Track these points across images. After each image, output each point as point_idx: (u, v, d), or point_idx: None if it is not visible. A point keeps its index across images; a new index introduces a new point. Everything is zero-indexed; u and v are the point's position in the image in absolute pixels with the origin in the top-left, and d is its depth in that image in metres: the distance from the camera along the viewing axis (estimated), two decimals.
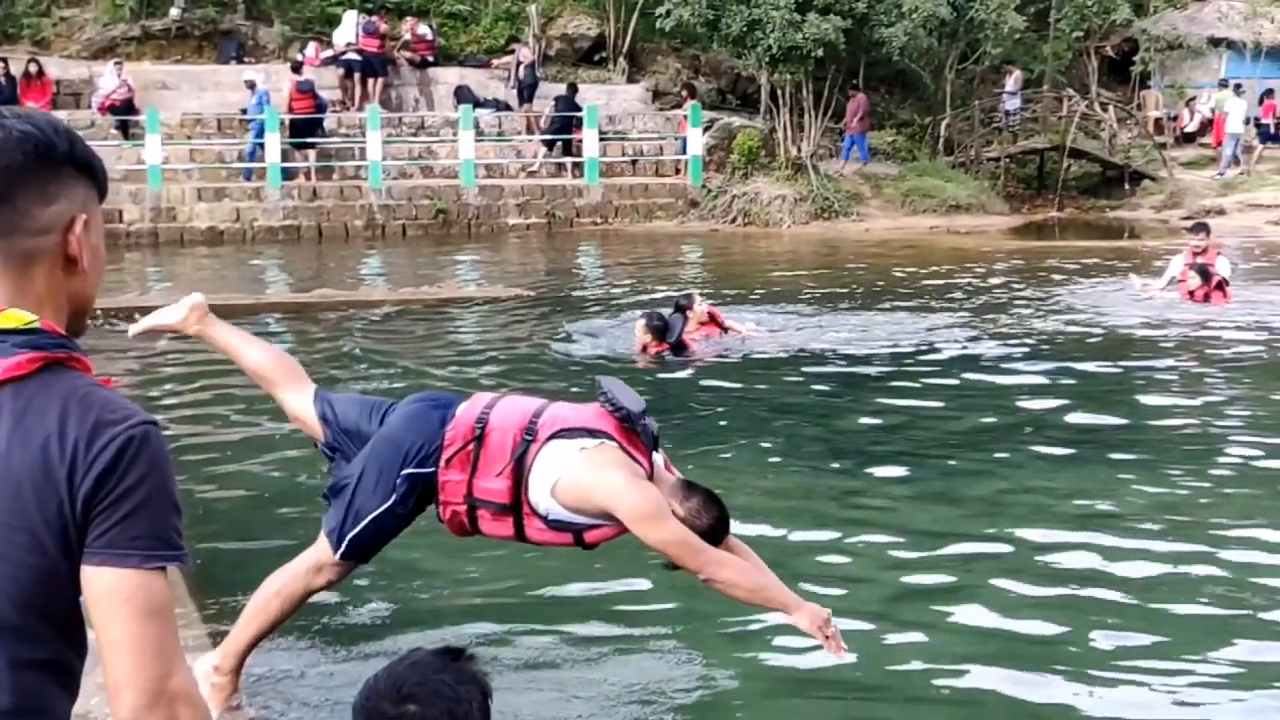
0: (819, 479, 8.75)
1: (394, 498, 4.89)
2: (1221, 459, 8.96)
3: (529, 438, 4.81)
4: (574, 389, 11.74)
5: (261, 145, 26.35)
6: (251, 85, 26.74)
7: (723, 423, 10.49)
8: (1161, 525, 7.46)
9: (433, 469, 4.88)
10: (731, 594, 4.78)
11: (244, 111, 26.95)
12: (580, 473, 4.72)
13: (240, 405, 10.82)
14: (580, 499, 4.73)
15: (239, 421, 10.52)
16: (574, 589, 6.56)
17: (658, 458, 4.94)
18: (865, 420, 10.66)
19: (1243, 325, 14.74)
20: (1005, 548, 7.19)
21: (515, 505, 4.82)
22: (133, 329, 5.63)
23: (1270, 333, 14.38)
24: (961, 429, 10.34)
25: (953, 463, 9.13)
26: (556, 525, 4.81)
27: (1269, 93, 33.84)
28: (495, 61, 30.95)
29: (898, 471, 8.87)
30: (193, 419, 10.70)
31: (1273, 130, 33.40)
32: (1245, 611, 6.16)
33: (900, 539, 7.37)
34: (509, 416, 4.89)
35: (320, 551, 5.04)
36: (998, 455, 9.35)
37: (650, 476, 4.80)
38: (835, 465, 9.08)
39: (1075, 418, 10.56)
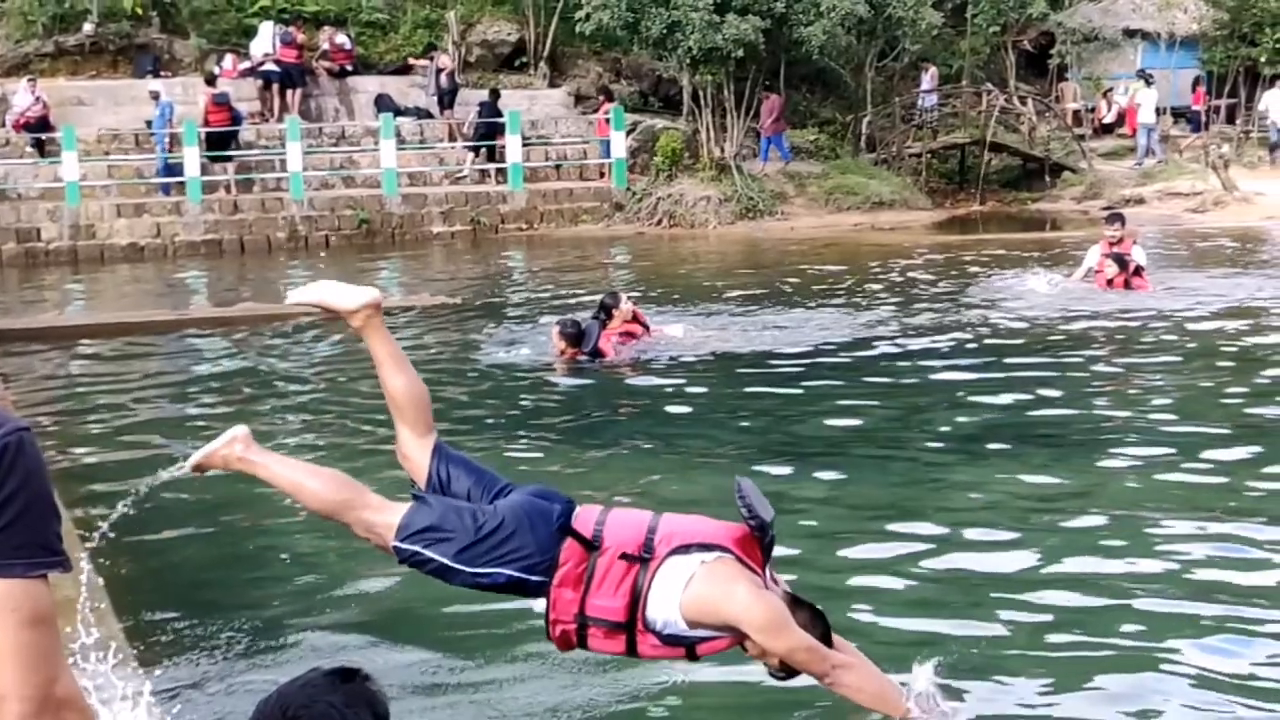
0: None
1: (475, 571, 4.80)
2: (1152, 449, 8.99)
3: (646, 555, 4.76)
4: (495, 399, 11.75)
5: (168, 159, 26.09)
6: (155, 96, 26.42)
7: (638, 425, 10.48)
8: (1098, 516, 7.48)
9: (543, 579, 4.80)
10: (856, 699, 4.77)
11: (149, 125, 26.65)
12: (704, 588, 4.67)
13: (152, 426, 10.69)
14: (705, 613, 4.69)
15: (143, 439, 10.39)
16: (511, 606, 6.49)
17: (768, 570, 4.90)
18: (787, 420, 10.66)
19: (1163, 312, 14.90)
20: (933, 545, 7.18)
21: (629, 623, 4.75)
22: (294, 295, 5.30)
23: (1188, 319, 14.54)
24: (887, 426, 10.37)
25: (878, 461, 9.14)
26: (671, 640, 4.75)
27: (1199, 80, 34.29)
28: (414, 61, 30.83)
29: (820, 472, 8.87)
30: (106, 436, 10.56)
31: (1204, 118, 33.82)
32: (1175, 604, 6.19)
33: (818, 539, 7.37)
34: (623, 533, 4.81)
35: (385, 520, 4.90)
36: (927, 451, 9.38)
37: (764, 587, 4.78)
38: (756, 467, 9.06)
39: (1002, 410, 10.62)
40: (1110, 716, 5.03)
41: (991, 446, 9.42)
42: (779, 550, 7.10)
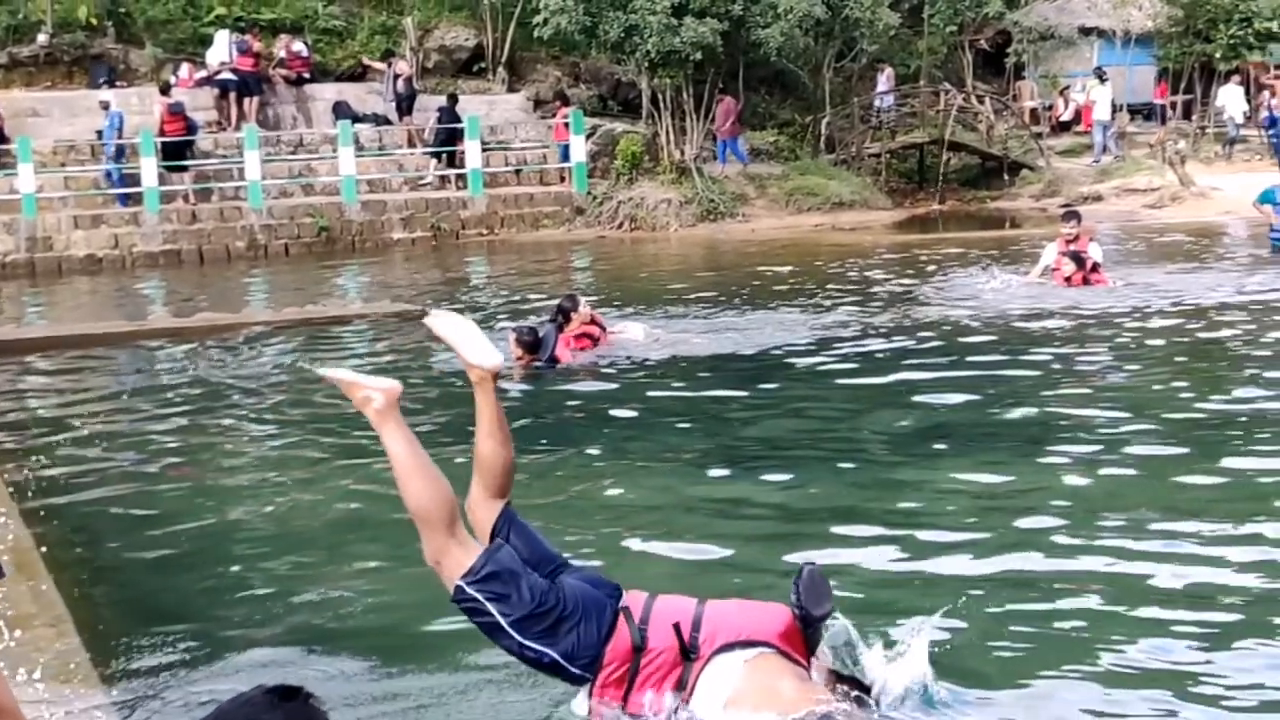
0: (695, 484, 8.70)
1: (524, 642, 4.83)
2: (1110, 446, 8.98)
3: (692, 655, 4.79)
4: (450, 406, 11.69)
5: (120, 169, 25.93)
6: (105, 106, 26.24)
7: (593, 430, 10.43)
8: (1054, 515, 7.46)
9: (583, 673, 4.84)
10: None
11: (100, 135, 26.48)
12: (749, 686, 4.70)
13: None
14: (751, 712, 4.68)
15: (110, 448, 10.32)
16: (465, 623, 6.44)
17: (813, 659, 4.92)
18: (744, 421, 10.65)
19: (1120, 308, 14.96)
20: (889, 545, 7.17)
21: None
22: (439, 325, 5.20)
23: (1145, 315, 14.60)
24: (845, 427, 10.37)
25: (835, 462, 9.13)
26: None
27: (1163, 73, 34.48)
28: (369, 63, 30.72)
29: (776, 474, 8.84)
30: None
31: (1171, 112, 33.99)
32: (1127, 605, 6.19)
33: (772, 541, 7.36)
34: (668, 632, 4.83)
35: (460, 557, 4.86)
36: (884, 451, 9.37)
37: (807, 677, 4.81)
38: (711, 470, 9.05)
39: (961, 409, 10.62)
40: (1064, 716, 5.03)
41: (949, 445, 9.42)
42: (733, 551, 7.15)
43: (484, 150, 28.23)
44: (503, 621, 4.79)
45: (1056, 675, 5.33)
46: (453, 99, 28.95)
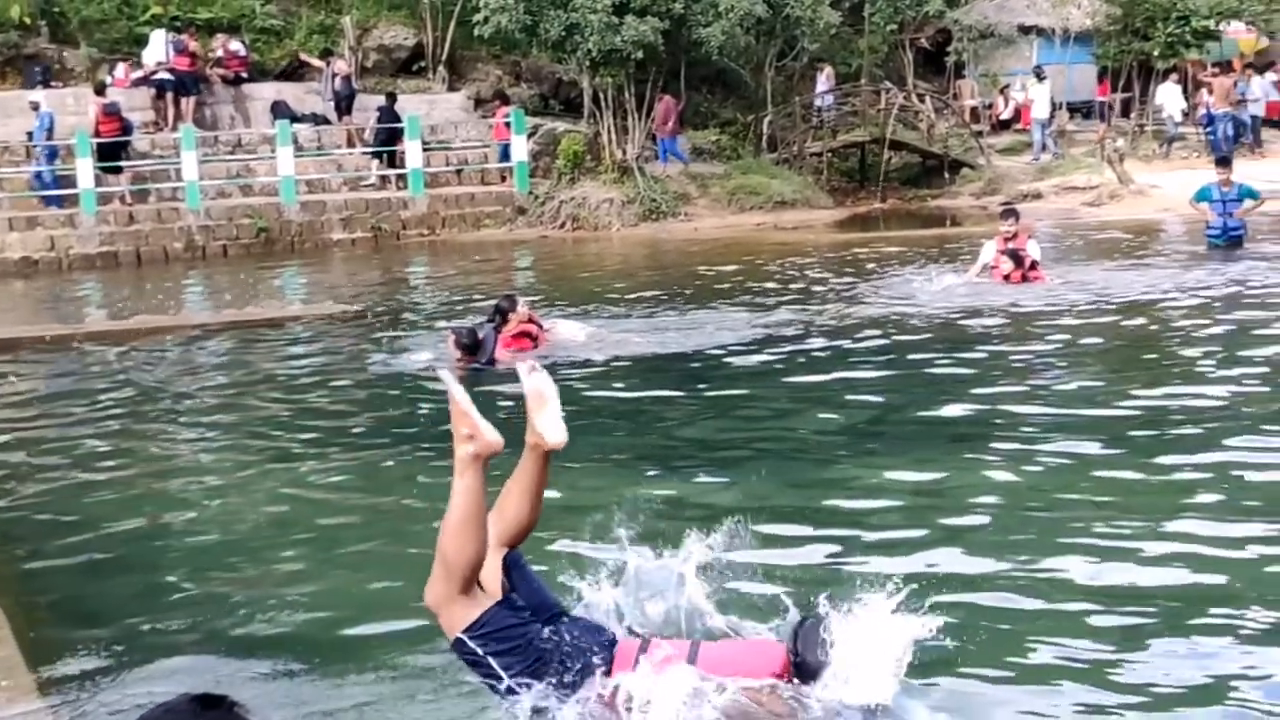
0: (632, 484, 8.64)
1: (513, 687, 4.84)
2: (1048, 442, 9.00)
3: None
4: (388, 407, 11.61)
5: (52, 171, 25.62)
6: (35, 107, 25.92)
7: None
8: (992, 512, 7.46)
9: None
10: None
11: (30, 136, 26.14)
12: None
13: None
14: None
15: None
16: (400, 624, 6.36)
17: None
18: (683, 421, 10.61)
19: (1058, 306, 15.04)
20: (828, 545, 7.15)
21: None
22: (536, 382, 5.18)
23: (1083, 312, 14.68)
24: (783, 425, 10.34)
25: (774, 461, 9.10)
26: None
27: (1104, 72, 34.70)
28: (305, 58, 30.51)
29: (714, 474, 8.81)
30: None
31: (1105, 110, 34.21)
32: (1064, 602, 6.18)
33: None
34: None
35: (469, 610, 4.86)
36: (823, 450, 9.35)
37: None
38: (652, 472, 9.00)
39: (899, 408, 10.64)
40: (990, 711, 5.01)
41: (885, 443, 9.43)
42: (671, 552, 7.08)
43: (424, 150, 28.08)
44: (504, 674, 4.81)
45: (983, 671, 5.31)
46: (391, 97, 28.80)
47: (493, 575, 4.99)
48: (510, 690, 4.83)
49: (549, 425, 5.01)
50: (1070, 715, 5.00)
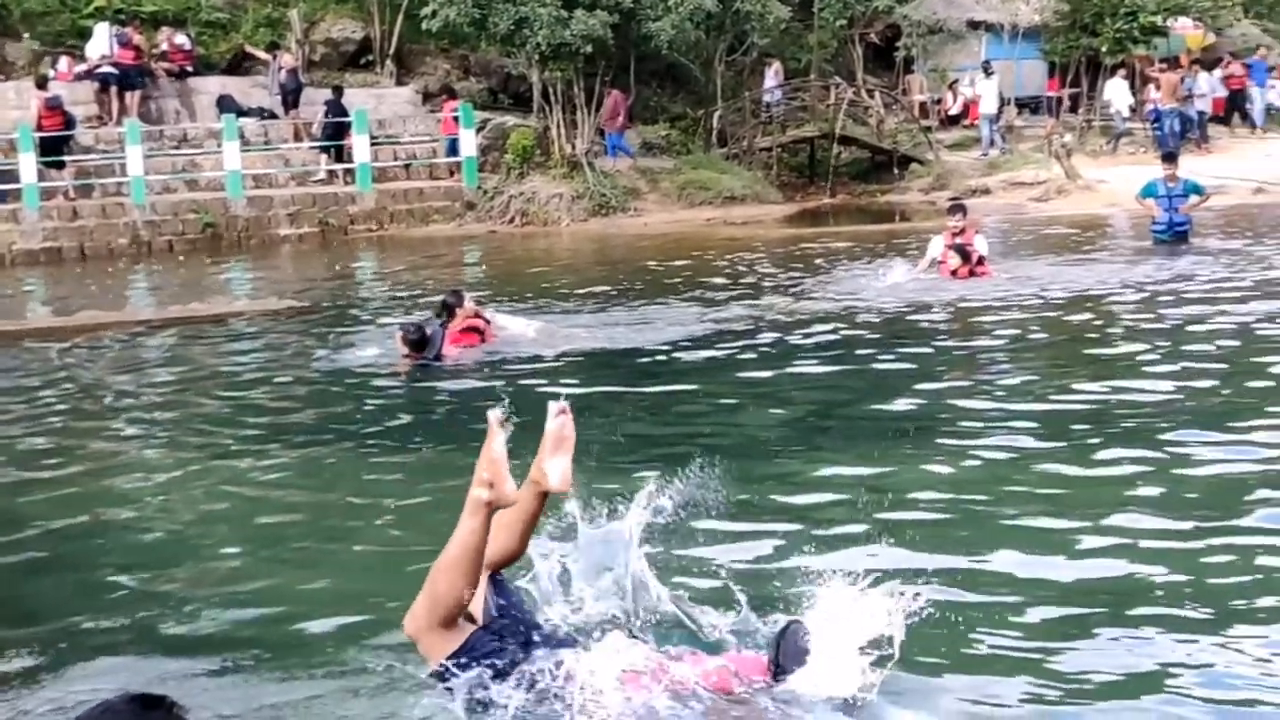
0: (578, 480, 8.58)
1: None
2: (993, 436, 9.01)
3: None
4: (334, 404, 11.52)
5: None
6: None
7: (479, 427, 10.27)
8: (936, 507, 7.45)
9: None
10: None
11: None
12: None
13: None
14: None
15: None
16: (342, 621, 6.28)
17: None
18: (629, 417, 10.55)
19: (1005, 300, 15.10)
20: (774, 539, 7.12)
21: None
22: (560, 424, 5.25)
23: (1030, 307, 14.75)
24: (735, 421, 10.32)
25: (724, 457, 9.02)
26: None
27: (1054, 67, 34.89)
28: (250, 50, 30.27)
29: (660, 470, 8.74)
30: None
31: (1054, 105, 34.39)
32: (1007, 596, 6.17)
33: (657, 537, 7.26)
34: None
35: (448, 640, 4.87)
36: (773, 444, 9.32)
37: None
38: (598, 467, 8.93)
39: (846, 403, 10.64)
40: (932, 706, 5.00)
41: (832, 438, 9.43)
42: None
43: (372, 144, 27.94)
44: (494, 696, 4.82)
45: (925, 660, 5.29)
46: (338, 91, 28.65)
47: (477, 598, 4.98)
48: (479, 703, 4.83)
49: (556, 469, 5.04)
50: (1011, 705, 5.00)
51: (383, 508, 8.15)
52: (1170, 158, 20.24)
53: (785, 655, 4.85)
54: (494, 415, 5.04)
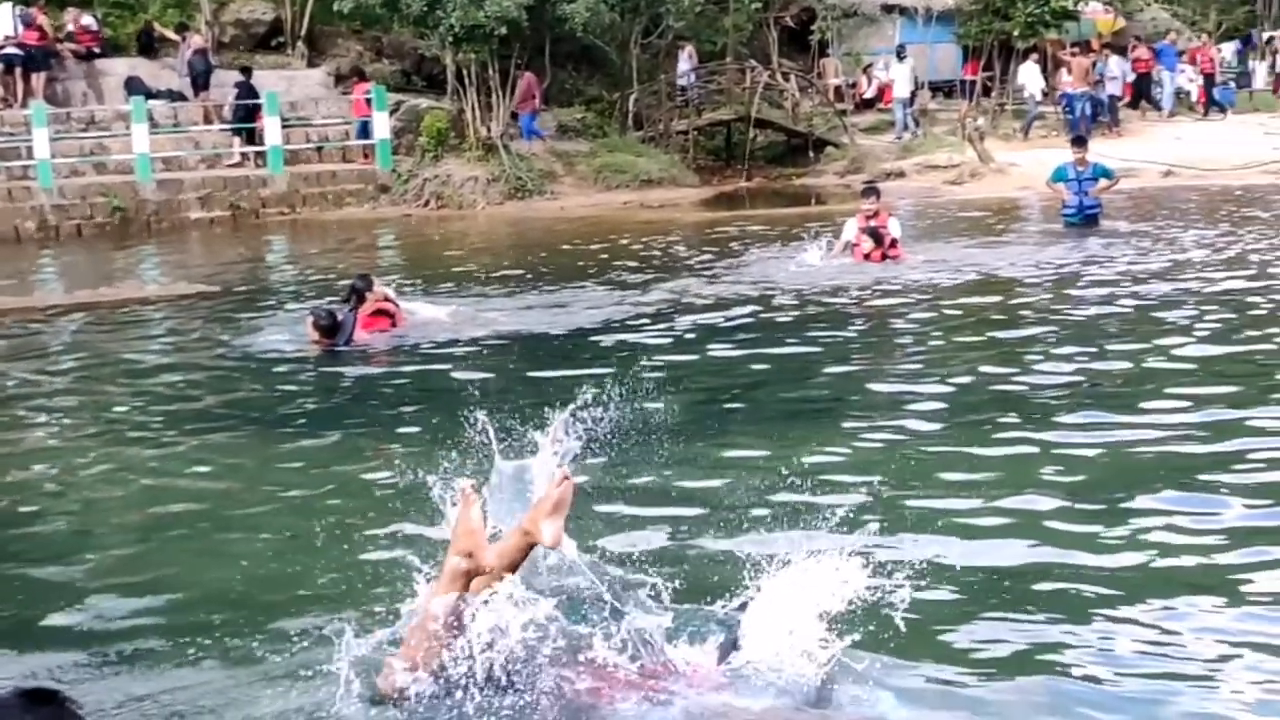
0: (489, 466, 8.52)
1: None
2: (905, 419, 9.06)
3: None
4: (242, 389, 11.39)
5: None
6: None
7: (389, 412, 10.22)
8: (851, 491, 7.46)
9: None
10: None
11: None
12: None
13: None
14: None
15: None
16: (244, 611, 6.18)
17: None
18: (540, 403, 10.43)
19: (917, 283, 15.20)
20: (686, 525, 7.11)
21: None
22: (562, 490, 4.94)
23: (942, 289, 14.86)
24: (648, 404, 10.27)
25: (637, 441, 9.02)
26: None
27: (969, 51, 35.11)
28: (158, 28, 29.84)
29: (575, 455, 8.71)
30: None
31: (971, 89, 34.63)
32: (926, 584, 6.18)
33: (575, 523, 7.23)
34: None
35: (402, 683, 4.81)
36: (685, 428, 9.28)
37: None
38: (504, 447, 8.87)
39: (758, 386, 10.65)
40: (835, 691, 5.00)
41: (743, 423, 9.43)
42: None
43: (284, 127, 27.62)
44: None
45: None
46: (246, 71, 28.29)
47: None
48: None
49: (551, 529, 4.88)
50: (908, 685, 5.00)
51: (288, 494, 8.06)
52: (1079, 141, 20.44)
53: (725, 647, 4.88)
54: (465, 485, 4.95)
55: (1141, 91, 35.21)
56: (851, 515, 6.86)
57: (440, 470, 6.01)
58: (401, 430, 9.54)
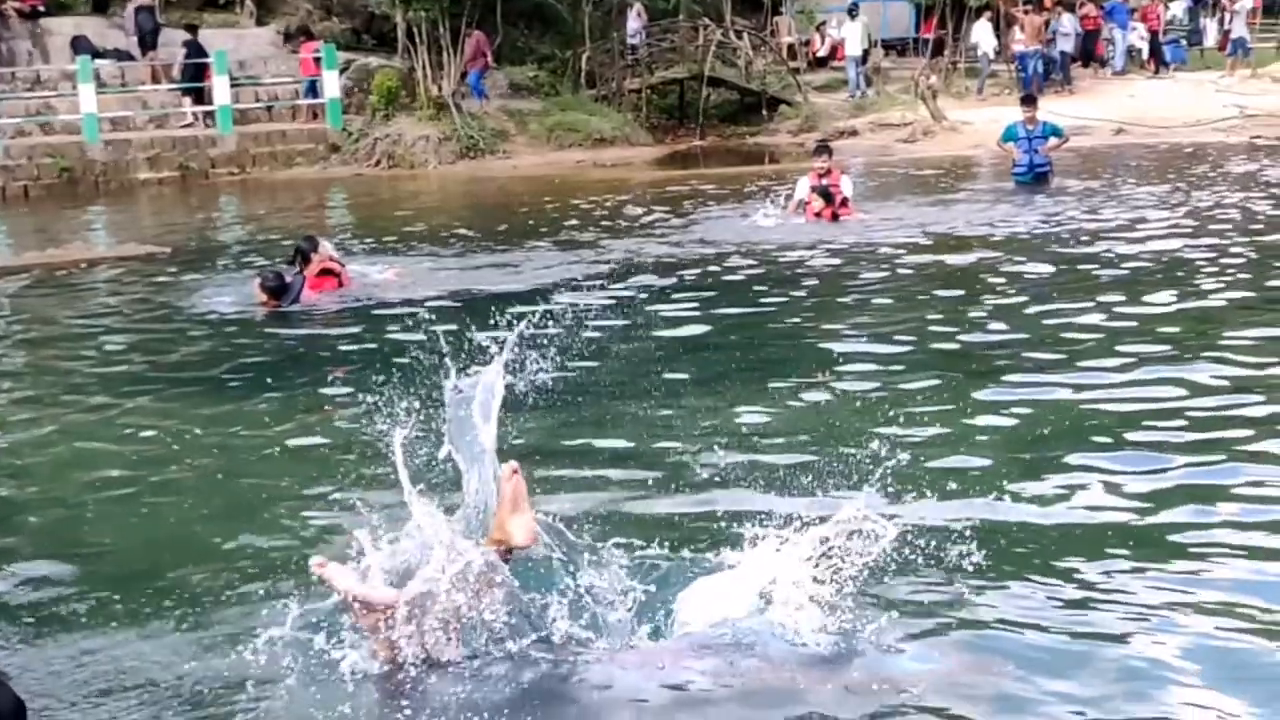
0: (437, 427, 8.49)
1: None
2: (857, 380, 9.05)
3: None
4: (190, 349, 11.30)
5: None
6: None
7: (335, 372, 10.16)
8: (805, 451, 7.46)
9: None
10: None
11: None
12: None
13: None
14: None
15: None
16: (191, 575, 6.13)
17: None
18: (491, 360, 10.44)
19: (869, 241, 15.21)
20: (630, 485, 7.11)
21: None
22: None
23: (893, 247, 14.87)
24: (600, 365, 10.26)
25: (586, 400, 9.02)
26: None
27: (922, 9, 35.01)
28: None
29: (525, 419, 8.70)
30: None
31: (928, 46, 34.62)
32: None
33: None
34: None
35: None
36: (634, 388, 9.28)
37: None
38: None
39: (709, 347, 10.63)
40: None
41: (693, 382, 9.39)
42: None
43: (233, 86, 27.32)
44: None
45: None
46: (192, 29, 27.92)
47: None
48: None
49: (520, 526, 4.94)
50: (838, 645, 4.99)
51: (230, 457, 8.00)
52: (1029, 100, 20.47)
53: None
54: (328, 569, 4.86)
55: (1088, 49, 35.20)
56: (789, 474, 6.90)
57: (385, 428, 5.95)
58: (345, 390, 9.47)
